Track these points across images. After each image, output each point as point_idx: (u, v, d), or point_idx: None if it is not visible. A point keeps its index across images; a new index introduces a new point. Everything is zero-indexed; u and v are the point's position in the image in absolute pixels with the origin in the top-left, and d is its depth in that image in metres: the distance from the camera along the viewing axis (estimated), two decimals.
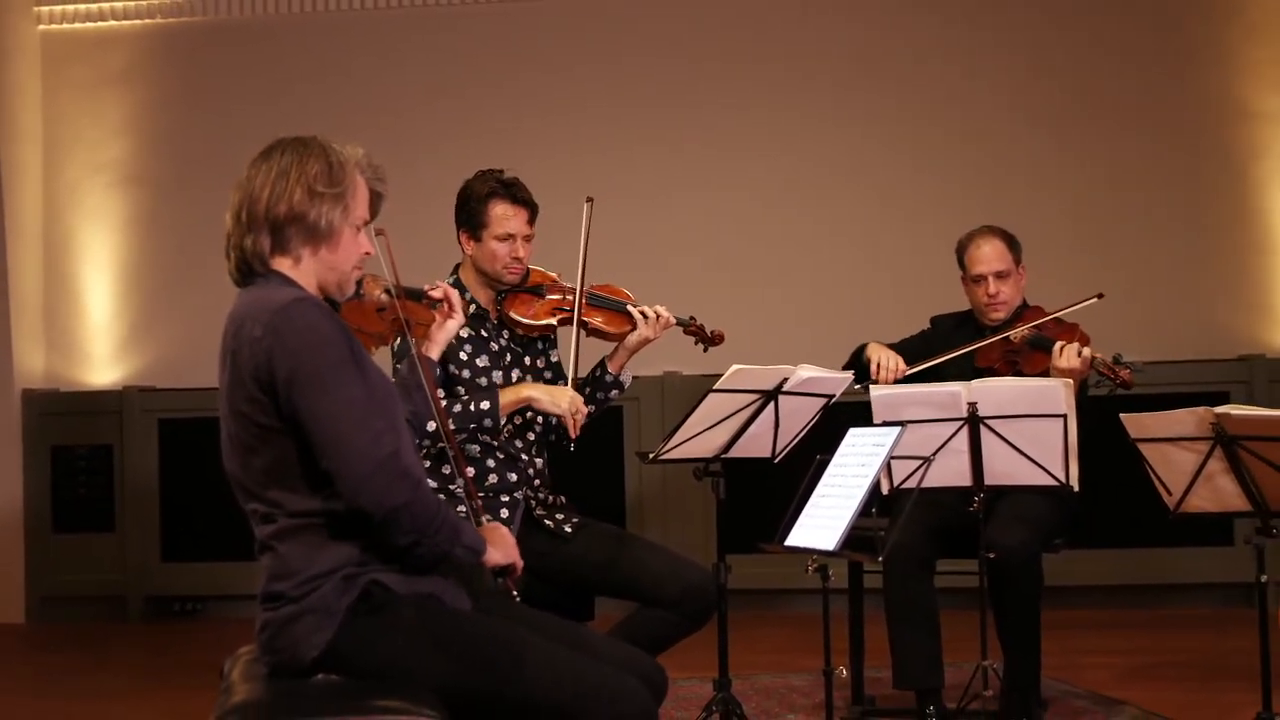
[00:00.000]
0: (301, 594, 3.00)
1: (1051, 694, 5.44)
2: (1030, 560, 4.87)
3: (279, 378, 2.95)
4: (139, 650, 7.23)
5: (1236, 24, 7.80)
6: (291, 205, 3.08)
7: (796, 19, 7.96)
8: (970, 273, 5.28)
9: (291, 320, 2.98)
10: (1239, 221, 7.77)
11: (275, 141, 3.18)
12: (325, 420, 2.94)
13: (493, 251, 4.60)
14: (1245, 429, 4.05)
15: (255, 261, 3.12)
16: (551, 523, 4.60)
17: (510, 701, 3.03)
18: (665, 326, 4.73)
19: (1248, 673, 4.50)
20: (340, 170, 3.14)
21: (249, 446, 3.03)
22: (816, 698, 5.55)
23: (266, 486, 3.03)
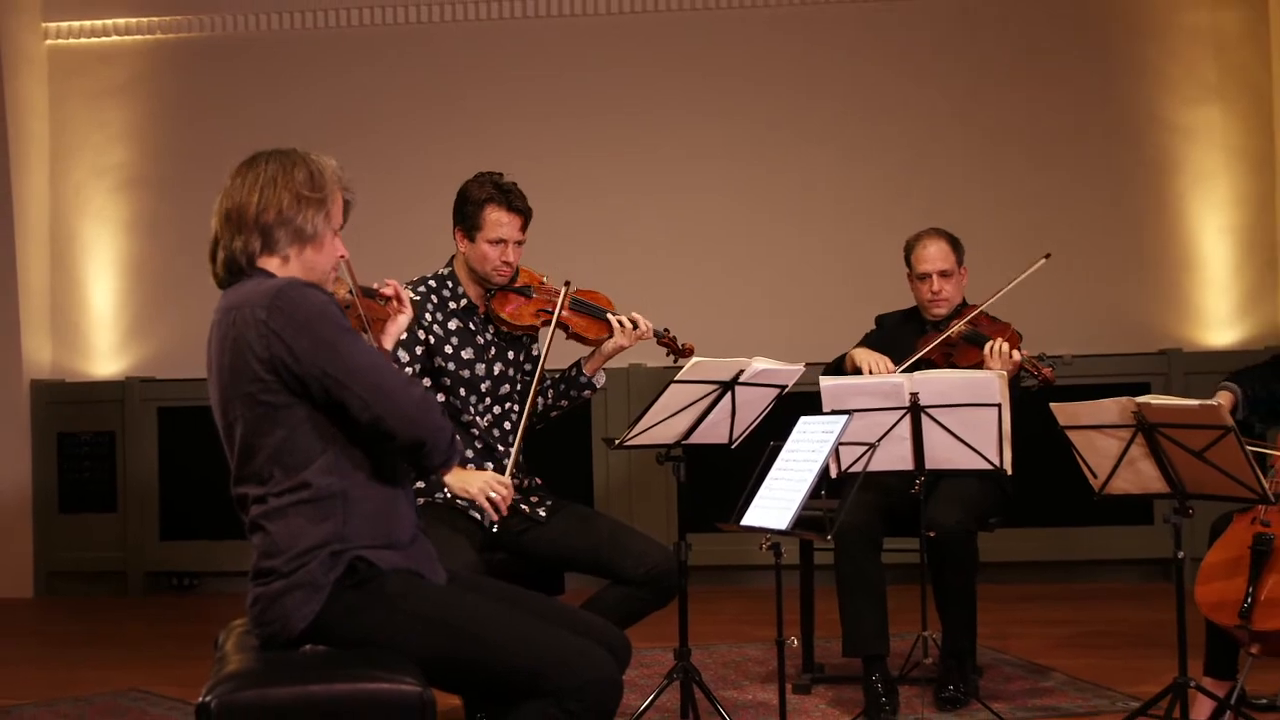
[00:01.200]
0: (291, 569, 2.99)
1: (986, 661, 5.46)
2: (967, 538, 4.90)
3: (297, 352, 2.97)
4: (139, 622, 7.19)
5: (1158, 46, 7.82)
6: (280, 210, 3.11)
7: (760, 36, 7.96)
8: (916, 271, 5.30)
9: (292, 298, 3.00)
10: (1160, 228, 7.81)
11: (256, 153, 3.21)
12: (362, 373, 3.00)
13: (484, 253, 4.57)
14: (1164, 417, 4.07)
15: (243, 261, 3.12)
16: (526, 507, 4.59)
17: (485, 669, 3.03)
18: (641, 337, 4.71)
19: (1166, 641, 4.52)
20: (321, 178, 3.17)
21: (251, 424, 3.02)
22: (770, 666, 5.57)
23: (268, 466, 3.03)
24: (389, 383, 3.03)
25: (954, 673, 4.93)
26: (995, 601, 5.93)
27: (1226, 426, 3.97)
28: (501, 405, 4.64)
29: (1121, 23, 7.84)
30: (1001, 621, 6.16)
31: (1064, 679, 5.35)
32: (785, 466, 3.74)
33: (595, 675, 3.03)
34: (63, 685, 5.68)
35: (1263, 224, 7.75)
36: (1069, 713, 4.90)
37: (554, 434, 4.79)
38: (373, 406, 3.00)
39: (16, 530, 7.90)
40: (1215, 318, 7.76)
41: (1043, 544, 7.33)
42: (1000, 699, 5.00)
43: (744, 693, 5.27)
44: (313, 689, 2.89)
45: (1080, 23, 7.85)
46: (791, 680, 5.23)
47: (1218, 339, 7.73)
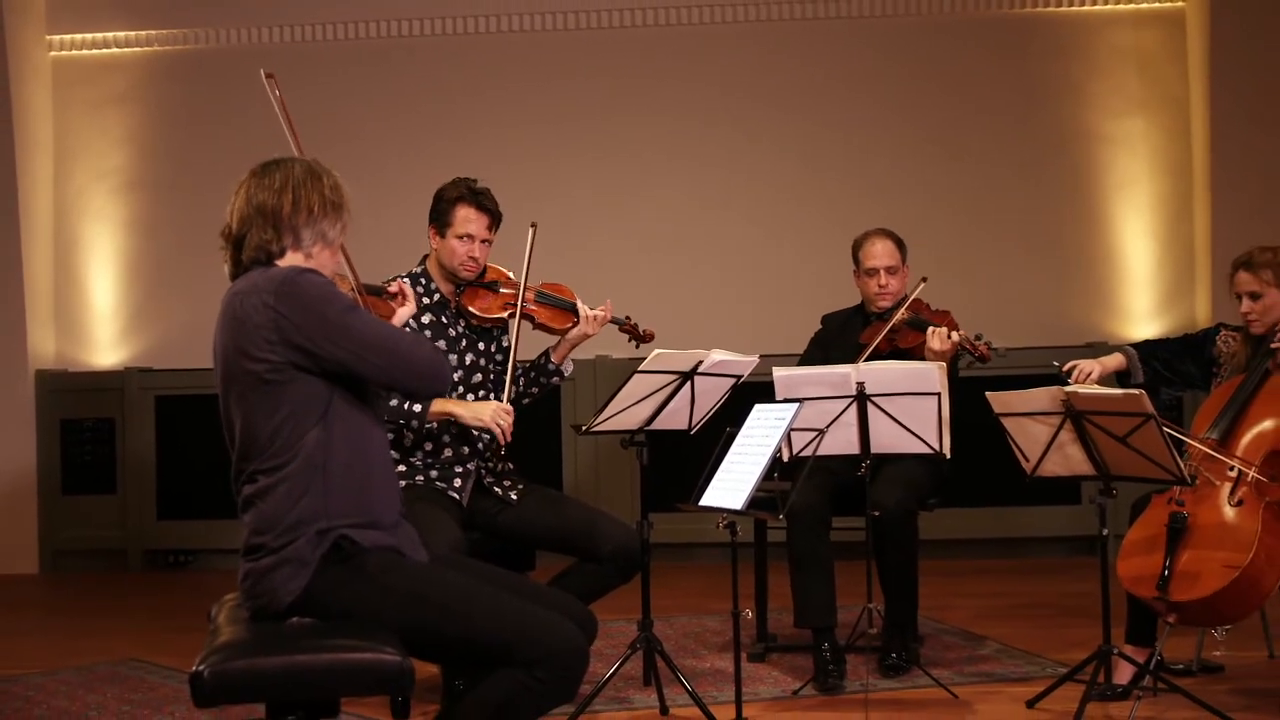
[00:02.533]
0: (279, 545, 2.99)
1: (926, 631, 5.48)
2: (908, 517, 4.91)
3: (310, 330, 2.99)
4: (138, 597, 7.16)
5: (1086, 63, 7.85)
6: (312, 211, 3.15)
7: (722, 51, 7.94)
8: (864, 266, 5.31)
9: (298, 283, 3.02)
10: (1087, 230, 7.84)
11: (274, 160, 3.23)
12: (375, 344, 3.04)
13: (452, 248, 4.58)
14: (1090, 405, 4.10)
15: (275, 253, 3.15)
16: (499, 489, 4.60)
17: (462, 641, 3.03)
18: (602, 323, 4.72)
19: (1091, 612, 4.55)
20: (340, 190, 3.22)
21: (251, 401, 3.03)
22: (726, 636, 5.57)
23: (266, 444, 3.03)
24: (402, 348, 3.09)
25: (896, 641, 4.95)
26: (935, 576, 5.95)
27: (1148, 414, 3.99)
28: (474, 394, 4.64)
29: (1053, 41, 7.86)
30: (941, 594, 6.18)
31: (998, 647, 5.37)
32: (740, 451, 3.74)
33: (564, 646, 3.02)
34: (66, 655, 5.64)
35: (1181, 227, 7.79)
36: (1003, 678, 4.92)
37: (526, 421, 4.77)
38: (389, 371, 3.07)
39: (23, 511, 7.86)
40: (1138, 313, 7.80)
41: (979, 523, 7.35)
42: (939, 665, 5.02)
43: (702, 661, 5.28)
44: (299, 658, 2.88)
45: (1016, 42, 7.87)
46: (746, 649, 5.24)
47: (1140, 333, 7.76)
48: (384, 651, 2.90)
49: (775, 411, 3.79)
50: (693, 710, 4.34)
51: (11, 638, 6.21)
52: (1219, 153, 7.54)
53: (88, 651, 5.71)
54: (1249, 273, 4.63)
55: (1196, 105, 7.72)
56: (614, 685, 4.67)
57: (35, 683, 5.19)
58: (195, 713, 4.49)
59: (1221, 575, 4.12)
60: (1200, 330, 4.95)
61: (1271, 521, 4.22)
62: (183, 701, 4.59)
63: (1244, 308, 4.64)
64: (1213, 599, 4.13)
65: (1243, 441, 4.41)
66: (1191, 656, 4.88)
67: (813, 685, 4.80)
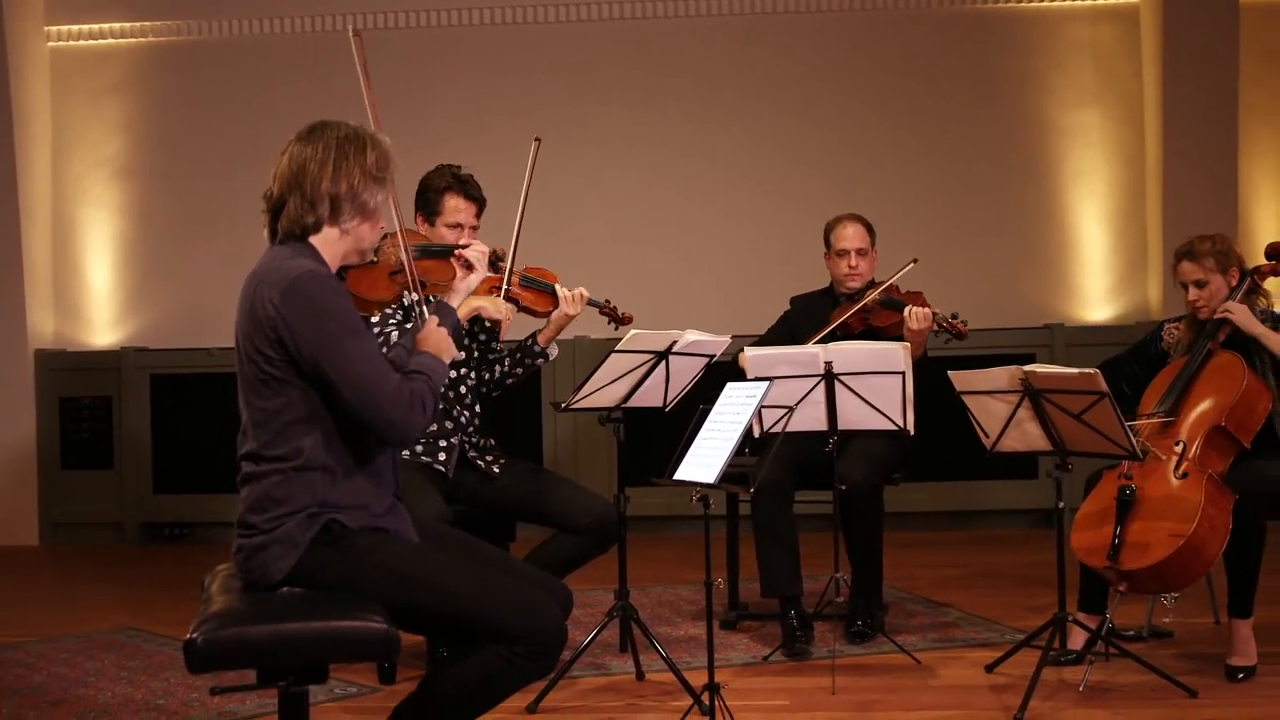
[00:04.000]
0: (271, 527, 2.96)
1: (891, 599, 5.50)
2: (874, 491, 4.93)
3: (300, 343, 2.90)
4: (135, 568, 7.13)
5: (1045, 56, 7.85)
6: (352, 184, 3.03)
7: (699, 43, 7.92)
8: (835, 248, 5.32)
9: (305, 291, 2.91)
10: (1045, 216, 7.85)
11: (321, 123, 3.10)
12: (354, 380, 2.91)
13: (442, 236, 4.58)
14: (1047, 384, 4.11)
15: (310, 225, 3.03)
16: (482, 463, 4.61)
17: (446, 617, 3.01)
18: (583, 302, 4.69)
19: (1047, 581, 4.57)
20: (386, 160, 3.10)
21: (255, 388, 2.98)
22: (699, 605, 5.58)
23: (265, 428, 2.98)
24: (373, 388, 2.93)
25: (862, 609, 4.96)
26: (899, 547, 5.97)
27: (1102, 392, 4.00)
28: (457, 371, 4.63)
29: (1013, 36, 7.86)
30: (905, 564, 6.20)
31: (959, 614, 5.39)
32: (713, 427, 3.74)
33: (544, 623, 3.02)
34: (66, 624, 5.63)
35: (1134, 214, 7.81)
36: (964, 643, 4.94)
37: (507, 399, 4.78)
38: (358, 409, 2.94)
39: (23, 485, 7.83)
40: (1093, 297, 7.83)
41: (941, 496, 7.38)
42: (903, 632, 5.03)
43: (676, 629, 5.28)
44: (288, 627, 2.87)
45: (978, 35, 7.87)
46: (719, 617, 5.25)
47: (1095, 315, 7.80)
48: (370, 620, 2.89)
49: (746, 389, 3.78)
50: (667, 676, 4.34)
51: (12, 607, 6.18)
52: (1171, 144, 7.56)
53: (86, 620, 5.70)
54: (1192, 262, 4.63)
55: (1150, 99, 7.73)
56: (591, 652, 4.67)
57: (35, 650, 5.18)
58: (189, 679, 4.48)
59: (1168, 544, 4.15)
60: (1146, 335, 4.95)
61: (1214, 493, 4.24)
62: (177, 668, 4.58)
63: (1191, 295, 4.65)
64: (1160, 566, 4.15)
65: (1188, 419, 4.43)
66: (1142, 623, 4.91)
67: (781, 651, 4.81)
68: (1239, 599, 4.38)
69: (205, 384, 7.59)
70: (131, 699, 4.47)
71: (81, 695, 4.53)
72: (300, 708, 2.97)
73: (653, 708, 4.25)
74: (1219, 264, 4.60)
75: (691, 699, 3.94)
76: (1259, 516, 4.31)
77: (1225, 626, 4.54)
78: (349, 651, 2.92)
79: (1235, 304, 4.53)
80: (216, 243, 7.80)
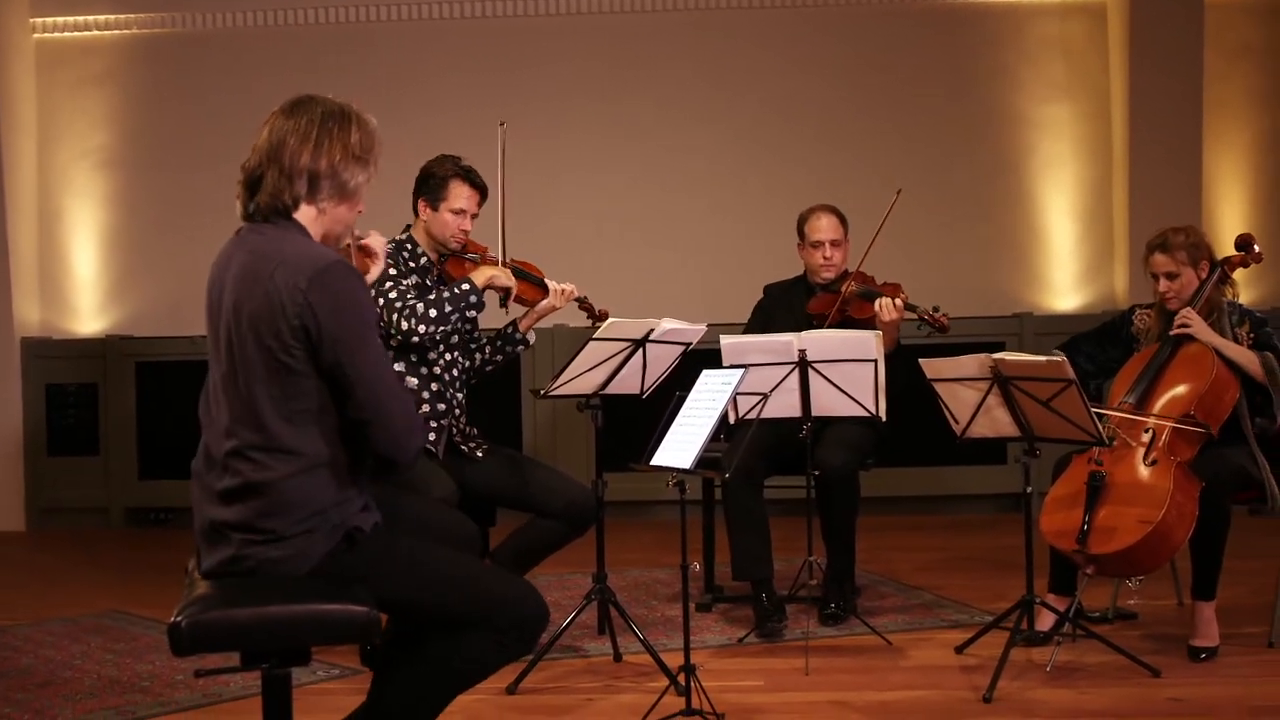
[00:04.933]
0: (294, 534, 2.86)
1: (864, 583, 5.51)
2: (848, 476, 4.93)
3: (324, 333, 2.75)
4: (120, 552, 7.10)
5: (1015, 52, 7.86)
6: (332, 163, 2.89)
7: (675, 36, 7.89)
8: (809, 240, 5.31)
9: (337, 281, 2.78)
10: (1015, 207, 7.87)
11: (306, 97, 2.98)
12: (367, 381, 2.80)
13: (445, 221, 4.61)
14: (1016, 371, 4.12)
15: (287, 203, 2.87)
16: (466, 448, 4.61)
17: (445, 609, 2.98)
18: (568, 299, 4.74)
19: (1016, 564, 4.58)
20: (370, 140, 2.96)
21: (267, 375, 2.80)
22: (675, 587, 5.58)
23: (273, 422, 2.82)
24: (387, 399, 2.84)
25: (836, 592, 4.97)
26: (872, 531, 5.98)
27: (1069, 379, 4.02)
28: (452, 353, 4.64)
29: (984, 30, 7.87)
30: (877, 548, 6.21)
31: (931, 597, 5.40)
32: (689, 414, 3.74)
33: (531, 612, 3.01)
34: (52, 608, 5.60)
35: (1101, 206, 7.84)
36: (934, 626, 4.95)
37: (488, 386, 4.78)
38: (366, 412, 2.82)
39: (10, 471, 7.78)
40: (1061, 286, 7.85)
41: (912, 481, 7.39)
42: (876, 614, 5.05)
43: (653, 611, 5.28)
44: (271, 610, 2.85)
45: (951, 29, 7.86)
46: (694, 600, 5.25)
47: (1063, 305, 7.82)
48: (352, 603, 2.88)
49: (721, 377, 3.78)
50: (644, 657, 4.34)
51: (0, 592, 6.15)
52: (1137, 138, 7.58)
53: (72, 604, 5.67)
54: (1165, 254, 4.64)
55: (1117, 93, 7.75)
56: (570, 634, 4.67)
57: (23, 633, 5.15)
58: (175, 661, 4.47)
59: (1136, 530, 4.16)
60: (1117, 315, 4.97)
61: (1182, 480, 4.26)
62: (162, 651, 4.56)
63: (1161, 287, 4.66)
64: (1128, 552, 4.17)
65: (1157, 405, 4.45)
66: (1108, 605, 4.94)
67: (756, 633, 4.82)
68: (1203, 582, 4.40)
69: (189, 371, 7.54)
70: (118, 681, 4.45)
71: (68, 678, 4.51)
72: (283, 689, 2.96)
73: (630, 688, 4.25)
74: (1190, 257, 4.61)
75: (668, 680, 3.95)
76: (1224, 503, 4.34)
77: (1188, 608, 4.56)
78: (331, 634, 2.90)
79: (1193, 314, 4.53)
80: (200, 233, 7.68)
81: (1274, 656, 4.42)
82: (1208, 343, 4.48)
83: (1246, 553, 4.85)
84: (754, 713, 3.97)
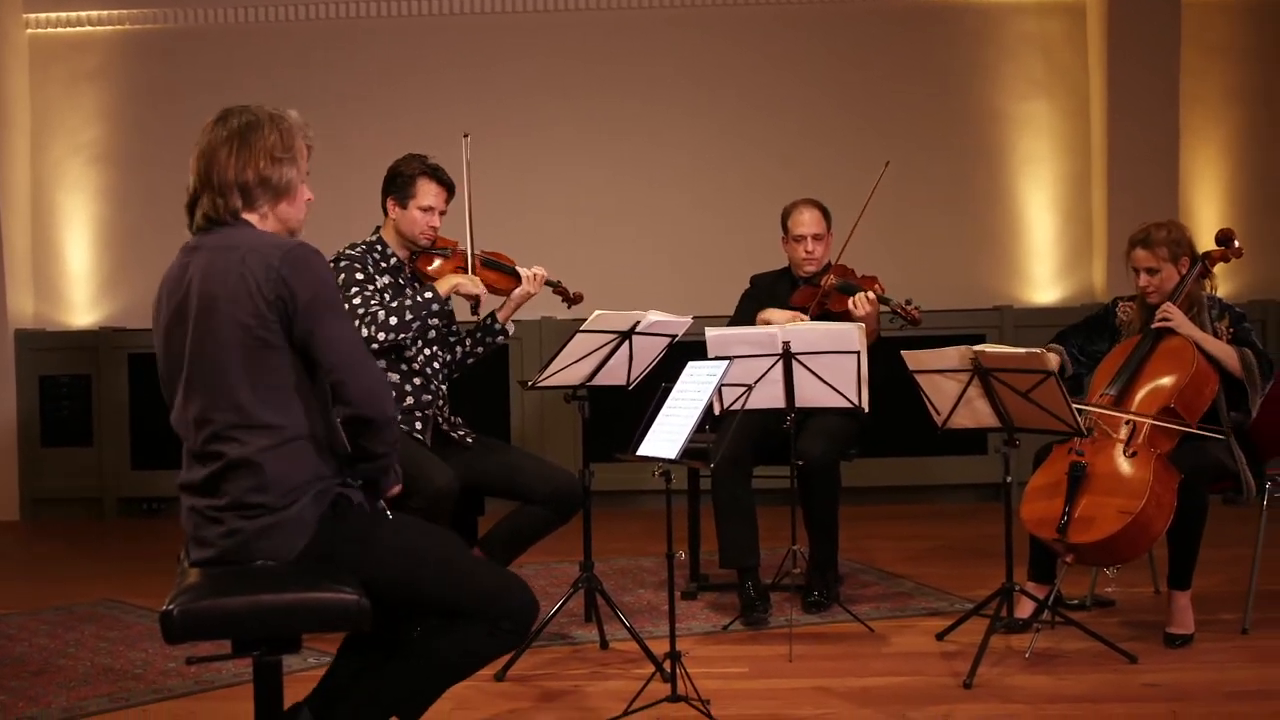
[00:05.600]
0: (283, 505, 2.88)
1: (846, 571, 5.52)
2: (831, 466, 4.93)
3: (299, 302, 2.82)
4: (113, 542, 7.08)
5: (995, 49, 7.87)
6: (257, 170, 2.95)
7: (657, 33, 7.89)
8: (792, 234, 5.31)
9: (305, 257, 2.87)
10: (995, 202, 7.88)
11: (223, 112, 3.03)
12: (341, 342, 2.88)
13: (414, 219, 4.61)
14: (996, 363, 4.12)
15: (227, 216, 2.95)
16: (455, 435, 4.61)
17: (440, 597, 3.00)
18: (542, 281, 4.74)
19: (996, 553, 4.59)
20: (290, 136, 3.01)
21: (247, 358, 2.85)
22: (661, 576, 5.59)
23: (251, 402, 2.86)
24: (360, 358, 2.91)
25: (818, 580, 4.98)
26: (854, 520, 5.98)
27: (1048, 371, 4.02)
28: (431, 348, 4.63)
29: (965, 28, 7.88)
30: (860, 537, 6.22)
31: (912, 585, 5.41)
32: (675, 405, 3.74)
33: (522, 601, 3.04)
34: (47, 596, 5.58)
35: (1080, 201, 7.85)
36: (916, 613, 4.96)
37: (476, 378, 4.78)
38: (339, 372, 2.87)
39: (4, 461, 7.76)
40: (1040, 280, 7.86)
41: (894, 471, 7.40)
42: (858, 602, 5.05)
43: (639, 599, 5.29)
44: (262, 598, 2.84)
45: (932, 27, 7.88)
46: (680, 588, 5.25)
47: (1042, 298, 7.84)
48: (342, 591, 2.87)
49: (707, 368, 3.78)
50: (630, 644, 4.35)
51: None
52: (1115, 134, 7.61)
53: (66, 593, 5.65)
54: (1146, 250, 4.64)
55: (1095, 90, 7.77)
56: (557, 622, 4.67)
57: (17, 622, 5.14)
58: (167, 649, 4.45)
59: (1116, 520, 4.17)
60: (1100, 308, 4.97)
61: (1162, 471, 4.27)
62: (155, 638, 4.53)
63: (1141, 282, 4.67)
64: (1108, 541, 4.18)
65: (1137, 397, 4.45)
66: (1086, 592, 4.95)
67: (740, 621, 4.82)
68: (1179, 572, 4.42)
69: None
70: (111, 668, 4.44)
71: (62, 665, 4.50)
72: (274, 677, 2.96)
73: (616, 675, 4.25)
74: (1171, 253, 4.62)
75: (654, 666, 3.95)
76: (1202, 495, 4.35)
77: (1164, 596, 4.58)
78: (322, 622, 2.89)
79: (1174, 308, 4.54)
80: None
81: (1247, 643, 4.44)
82: (1188, 336, 4.49)
83: (1221, 542, 4.87)
84: (738, 698, 3.97)
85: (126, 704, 4.07)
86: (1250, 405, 4.51)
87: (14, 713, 3.98)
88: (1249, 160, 7.82)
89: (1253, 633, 4.52)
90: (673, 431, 3.65)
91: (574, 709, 3.93)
